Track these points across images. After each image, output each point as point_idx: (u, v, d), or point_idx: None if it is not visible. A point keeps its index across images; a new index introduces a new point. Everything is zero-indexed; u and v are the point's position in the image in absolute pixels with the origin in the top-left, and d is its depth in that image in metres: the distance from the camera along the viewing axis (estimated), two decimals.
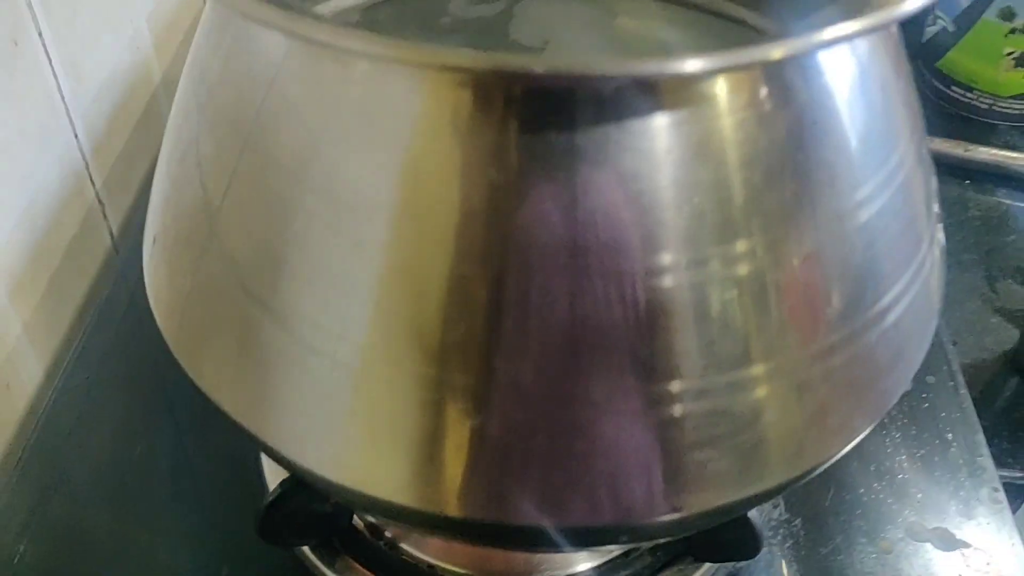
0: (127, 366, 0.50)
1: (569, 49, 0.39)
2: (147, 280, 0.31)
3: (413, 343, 0.24)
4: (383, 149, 0.23)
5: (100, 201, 0.60)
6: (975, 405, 0.57)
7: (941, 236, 0.31)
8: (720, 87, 0.22)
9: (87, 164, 0.58)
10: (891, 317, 0.27)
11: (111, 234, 0.62)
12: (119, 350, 0.51)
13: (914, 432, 0.44)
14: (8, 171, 0.49)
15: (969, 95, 0.76)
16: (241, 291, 0.27)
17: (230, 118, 0.27)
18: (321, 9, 0.40)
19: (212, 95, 0.27)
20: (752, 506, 0.28)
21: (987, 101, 0.76)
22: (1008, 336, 0.62)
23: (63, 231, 0.56)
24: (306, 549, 0.37)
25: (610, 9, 0.42)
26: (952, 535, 0.40)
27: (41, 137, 0.53)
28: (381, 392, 0.25)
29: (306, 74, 0.24)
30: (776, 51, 0.20)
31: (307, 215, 0.25)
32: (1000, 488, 0.42)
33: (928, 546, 0.39)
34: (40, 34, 0.52)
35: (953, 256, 0.68)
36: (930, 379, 0.48)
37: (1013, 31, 0.72)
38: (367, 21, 0.41)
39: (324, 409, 0.26)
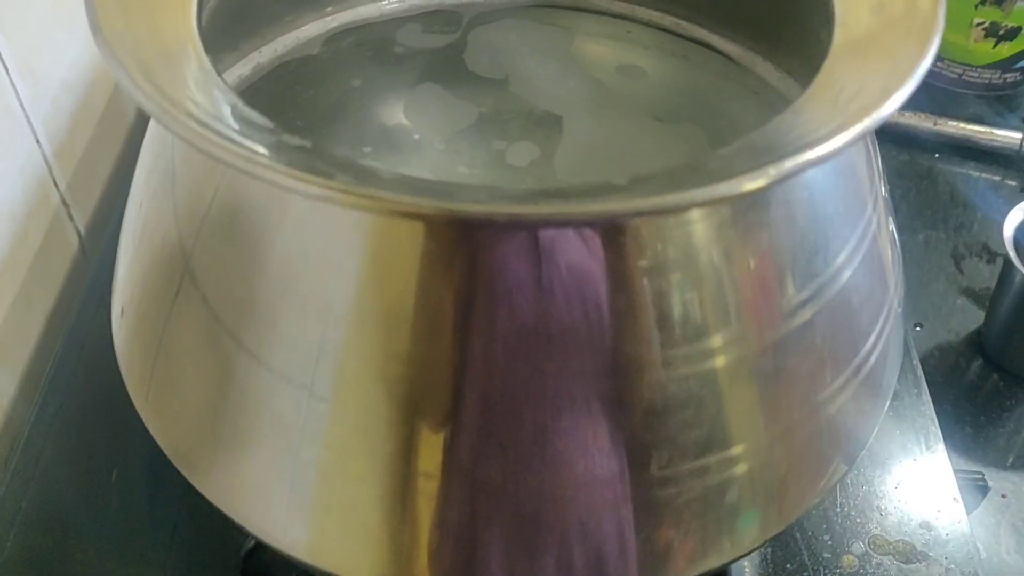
0: (103, 374, 0.50)
1: (530, 82, 0.39)
2: (117, 351, 0.31)
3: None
4: (335, 272, 0.23)
5: (65, 203, 0.60)
6: (939, 389, 0.59)
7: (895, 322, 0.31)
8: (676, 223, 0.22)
9: (50, 168, 0.58)
10: (840, 400, 0.27)
11: (79, 234, 0.61)
12: (95, 357, 0.50)
13: (878, 444, 0.46)
14: None
15: (939, 64, 0.76)
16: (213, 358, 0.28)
17: (190, 206, 0.27)
18: (283, 40, 0.39)
19: (176, 181, 0.27)
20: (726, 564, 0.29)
21: (957, 70, 0.76)
22: (974, 317, 0.63)
23: (29, 241, 0.55)
24: None
25: (567, 29, 0.41)
26: (914, 547, 0.41)
27: (2, 148, 0.52)
28: (349, 489, 0.25)
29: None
30: (750, 184, 0.20)
31: (268, 307, 0.25)
32: (959, 499, 0.43)
33: (889, 560, 0.40)
34: None
35: (920, 233, 0.69)
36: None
37: (983, 2, 0.71)
38: (328, 51, 0.40)
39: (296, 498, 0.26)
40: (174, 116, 0.21)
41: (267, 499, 0.28)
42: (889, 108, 0.23)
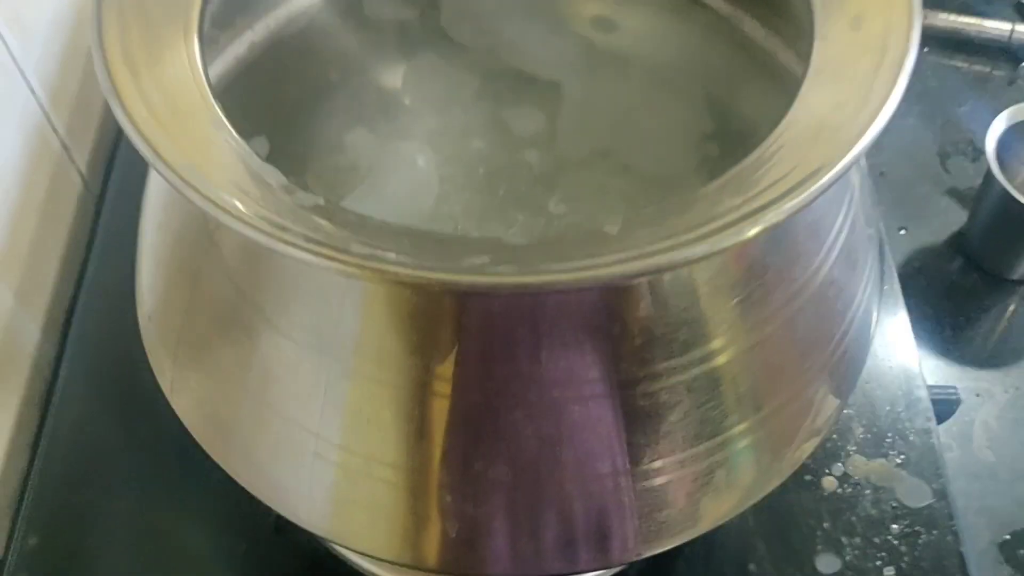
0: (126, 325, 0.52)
1: (518, 47, 0.40)
2: (148, 352, 0.33)
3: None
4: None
5: (65, 147, 0.61)
6: (921, 292, 0.62)
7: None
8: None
9: (48, 116, 0.58)
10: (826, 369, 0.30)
11: (81, 175, 0.63)
12: (118, 311, 0.53)
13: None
14: None
15: None
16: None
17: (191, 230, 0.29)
18: (274, 15, 0.40)
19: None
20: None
21: None
22: (957, 218, 0.65)
23: (36, 189, 0.57)
24: None
25: None
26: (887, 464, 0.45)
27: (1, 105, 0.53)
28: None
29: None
30: (733, 239, 0.22)
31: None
32: (931, 416, 0.46)
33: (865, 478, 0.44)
34: None
35: (908, 134, 0.70)
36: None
37: None
38: (317, 24, 0.41)
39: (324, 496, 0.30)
40: (202, 194, 0.22)
41: (288, 484, 0.31)
42: (866, 141, 0.24)
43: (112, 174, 0.59)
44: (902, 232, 0.64)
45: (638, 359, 0.26)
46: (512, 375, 0.26)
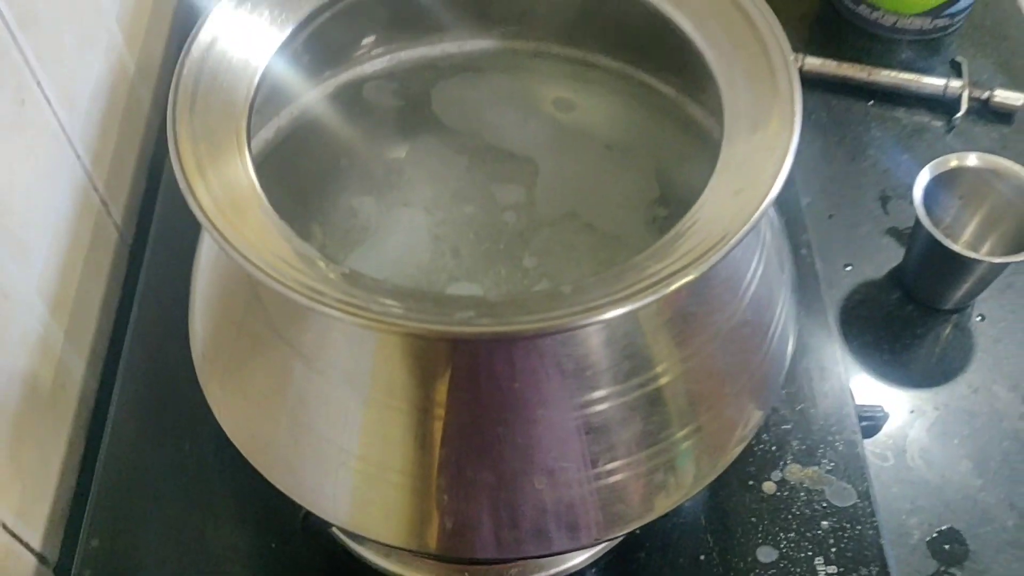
0: (167, 360, 0.60)
1: (494, 129, 0.48)
2: (201, 383, 0.41)
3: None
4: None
5: (104, 202, 0.69)
6: (863, 322, 0.70)
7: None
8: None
9: (90, 176, 0.66)
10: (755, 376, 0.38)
11: (116, 227, 0.71)
12: (158, 349, 0.60)
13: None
14: (34, 216, 0.58)
15: (875, 13, 0.84)
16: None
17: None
18: (297, 103, 0.48)
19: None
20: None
21: (891, 19, 0.84)
22: (896, 255, 0.73)
23: (81, 241, 0.65)
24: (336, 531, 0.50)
25: (524, 76, 0.50)
26: (820, 473, 0.52)
27: (53, 173, 0.61)
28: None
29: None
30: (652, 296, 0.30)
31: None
32: (857, 431, 0.54)
33: (800, 484, 0.52)
34: (39, 84, 0.59)
35: (853, 179, 0.78)
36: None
37: None
38: (332, 109, 0.49)
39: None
40: (261, 268, 0.30)
41: (318, 486, 0.39)
42: (753, 220, 0.32)
43: (150, 229, 0.67)
44: (848, 268, 0.72)
45: (592, 385, 0.34)
46: (493, 400, 0.34)
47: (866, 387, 0.66)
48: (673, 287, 0.31)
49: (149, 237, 0.66)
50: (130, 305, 0.64)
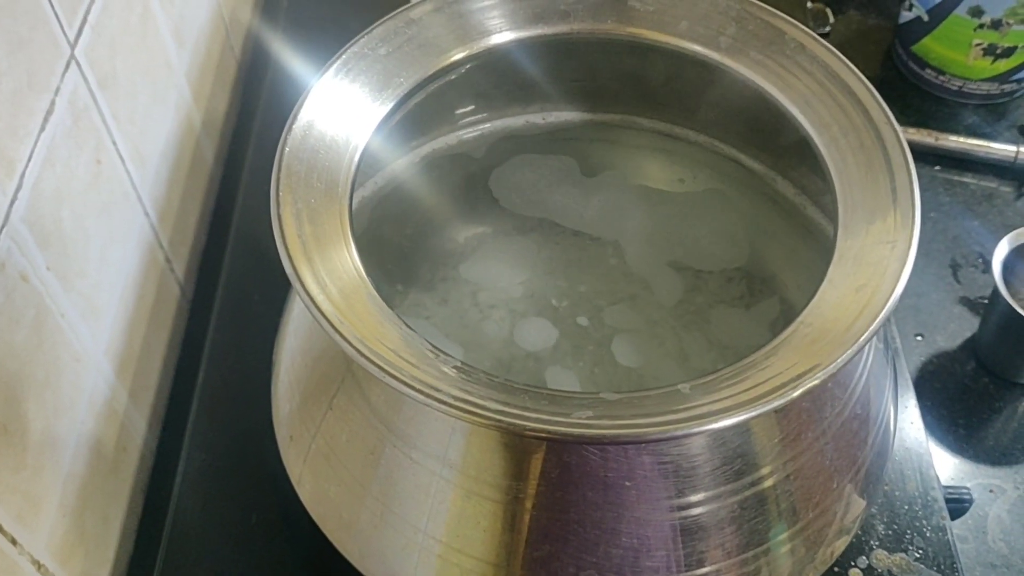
0: (235, 428, 0.59)
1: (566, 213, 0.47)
2: (285, 461, 0.40)
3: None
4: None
5: (168, 259, 0.68)
6: (936, 394, 0.68)
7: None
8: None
9: (156, 233, 0.66)
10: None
11: (179, 283, 0.70)
12: (226, 416, 0.60)
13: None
14: (106, 276, 0.57)
15: (941, 77, 0.83)
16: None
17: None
18: (393, 165, 0.47)
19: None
20: None
21: (957, 83, 0.83)
22: (969, 324, 0.71)
23: (146, 298, 0.64)
24: None
25: (605, 148, 0.49)
26: (907, 559, 0.50)
27: (124, 232, 0.60)
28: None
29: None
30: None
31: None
32: (946, 514, 0.52)
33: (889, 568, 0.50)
34: (115, 143, 0.59)
35: (923, 246, 0.77)
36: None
37: (981, 26, 0.78)
38: (418, 177, 0.48)
39: None
40: (374, 362, 0.30)
41: (396, 570, 0.38)
42: (875, 327, 0.31)
43: (213, 286, 0.67)
44: (919, 338, 0.71)
45: (694, 486, 0.33)
46: (587, 500, 0.32)
47: (942, 463, 0.64)
48: (799, 391, 0.29)
49: (215, 299, 0.65)
50: (189, 362, 0.64)
